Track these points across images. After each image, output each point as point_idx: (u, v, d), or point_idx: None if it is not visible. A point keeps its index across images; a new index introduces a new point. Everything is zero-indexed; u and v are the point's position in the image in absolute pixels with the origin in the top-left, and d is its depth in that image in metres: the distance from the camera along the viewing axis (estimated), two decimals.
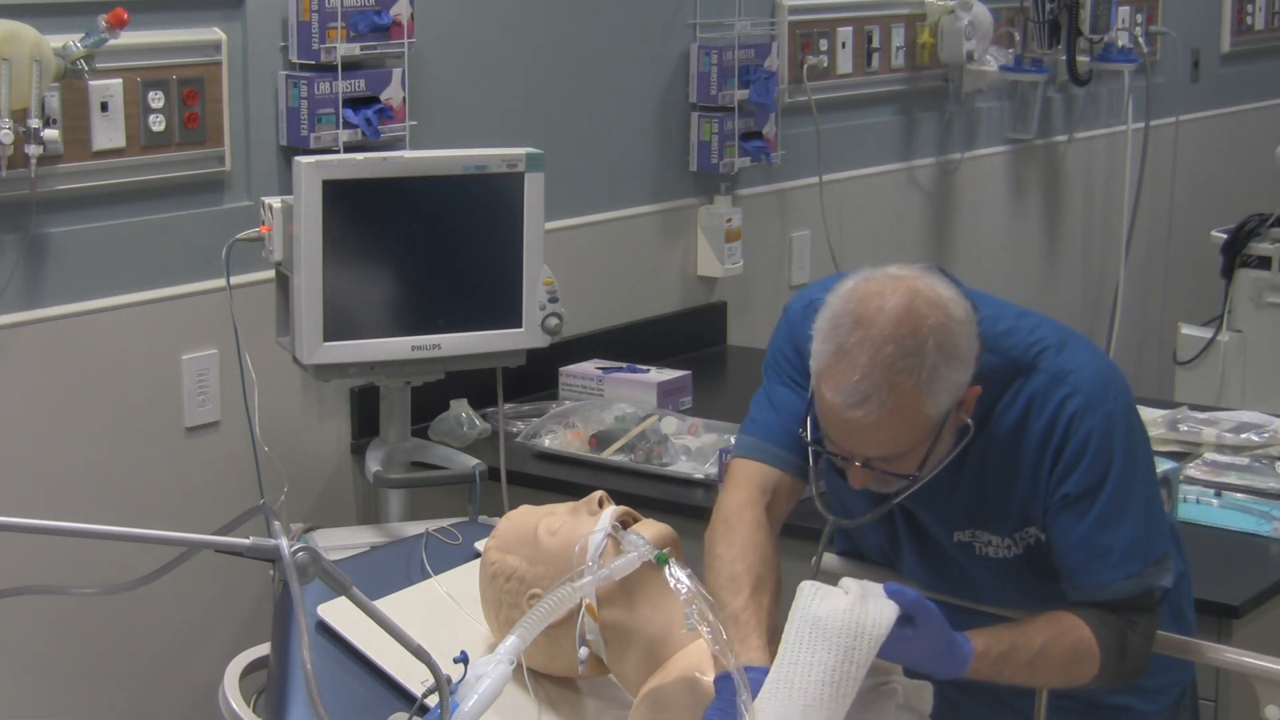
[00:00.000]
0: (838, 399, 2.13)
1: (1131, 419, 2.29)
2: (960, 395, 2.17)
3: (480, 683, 1.91)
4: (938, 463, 2.25)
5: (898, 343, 2.10)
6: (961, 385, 2.16)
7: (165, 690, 3.31)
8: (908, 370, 2.10)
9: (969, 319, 2.17)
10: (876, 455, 2.18)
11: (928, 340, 2.11)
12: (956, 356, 2.14)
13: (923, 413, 2.13)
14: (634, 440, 3.40)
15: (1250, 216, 4.84)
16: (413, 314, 3.18)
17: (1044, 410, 2.25)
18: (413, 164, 3.18)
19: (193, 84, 3.23)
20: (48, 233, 3.08)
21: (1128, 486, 2.25)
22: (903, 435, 2.15)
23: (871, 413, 2.12)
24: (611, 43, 4.04)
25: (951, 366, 2.13)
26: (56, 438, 3.11)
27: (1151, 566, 2.27)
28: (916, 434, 2.16)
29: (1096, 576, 2.25)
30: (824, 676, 2.00)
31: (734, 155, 4.22)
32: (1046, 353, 2.28)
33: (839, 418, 2.15)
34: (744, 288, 4.41)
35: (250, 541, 1.63)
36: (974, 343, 2.17)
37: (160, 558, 1.70)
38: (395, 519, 3.28)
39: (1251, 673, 2.34)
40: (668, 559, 2.12)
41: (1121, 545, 2.24)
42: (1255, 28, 6.39)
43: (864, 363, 2.11)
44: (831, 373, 2.14)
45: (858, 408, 2.12)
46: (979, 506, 2.33)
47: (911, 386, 2.11)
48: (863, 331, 2.12)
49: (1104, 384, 2.26)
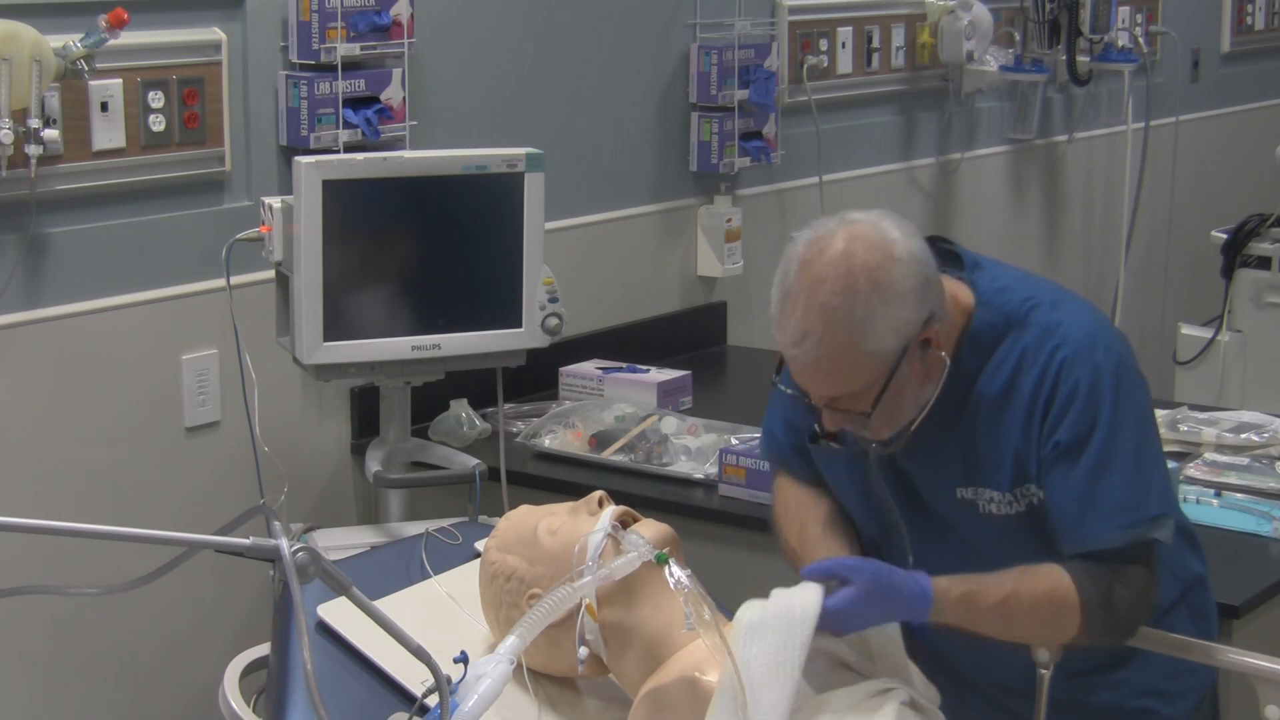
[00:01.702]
0: (784, 339, 2.22)
1: (1122, 374, 2.28)
2: (909, 333, 2.19)
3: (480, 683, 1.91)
4: (922, 405, 2.26)
5: (832, 281, 2.17)
6: (906, 323, 2.18)
7: (165, 690, 3.31)
8: (842, 308, 2.16)
9: (913, 258, 2.19)
10: (830, 394, 2.23)
11: (860, 278, 2.16)
12: (894, 293, 2.17)
13: (862, 350, 2.17)
14: (634, 440, 3.40)
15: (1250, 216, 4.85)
16: (413, 314, 3.18)
17: (1035, 362, 2.28)
18: (413, 164, 3.18)
19: (193, 84, 3.23)
20: (48, 233, 3.08)
21: (1117, 438, 2.25)
22: (848, 373, 2.20)
23: (810, 350, 2.19)
24: (611, 43, 4.04)
25: (889, 304, 2.16)
26: (56, 438, 3.11)
27: (1146, 521, 2.25)
28: (864, 372, 2.20)
29: (1088, 529, 2.24)
30: (764, 666, 2.03)
31: (734, 155, 4.22)
32: (1039, 309, 2.31)
33: (788, 358, 2.24)
34: (744, 288, 4.41)
35: (250, 541, 1.63)
36: (920, 281, 2.19)
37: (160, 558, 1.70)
38: (395, 519, 3.28)
39: (1251, 673, 2.34)
40: (668, 559, 2.12)
41: (1113, 497, 2.24)
42: (1255, 28, 6.39)
43: (803, 302, 2.19)
44: (779, 315, 2.24)
45: (798, 345, 2.20)
46: (977, 462, 2.33)
47: (846, 323, 2.16)
48: (805, 274, 2.20)
49: (1093, 337, 2.29)
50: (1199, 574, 2.49)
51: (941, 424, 2.30)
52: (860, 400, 2.22)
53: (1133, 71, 5.49)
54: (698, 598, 2.07)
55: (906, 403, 2.26)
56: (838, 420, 2.27)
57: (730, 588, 2.40)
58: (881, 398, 2.22)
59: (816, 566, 2.18)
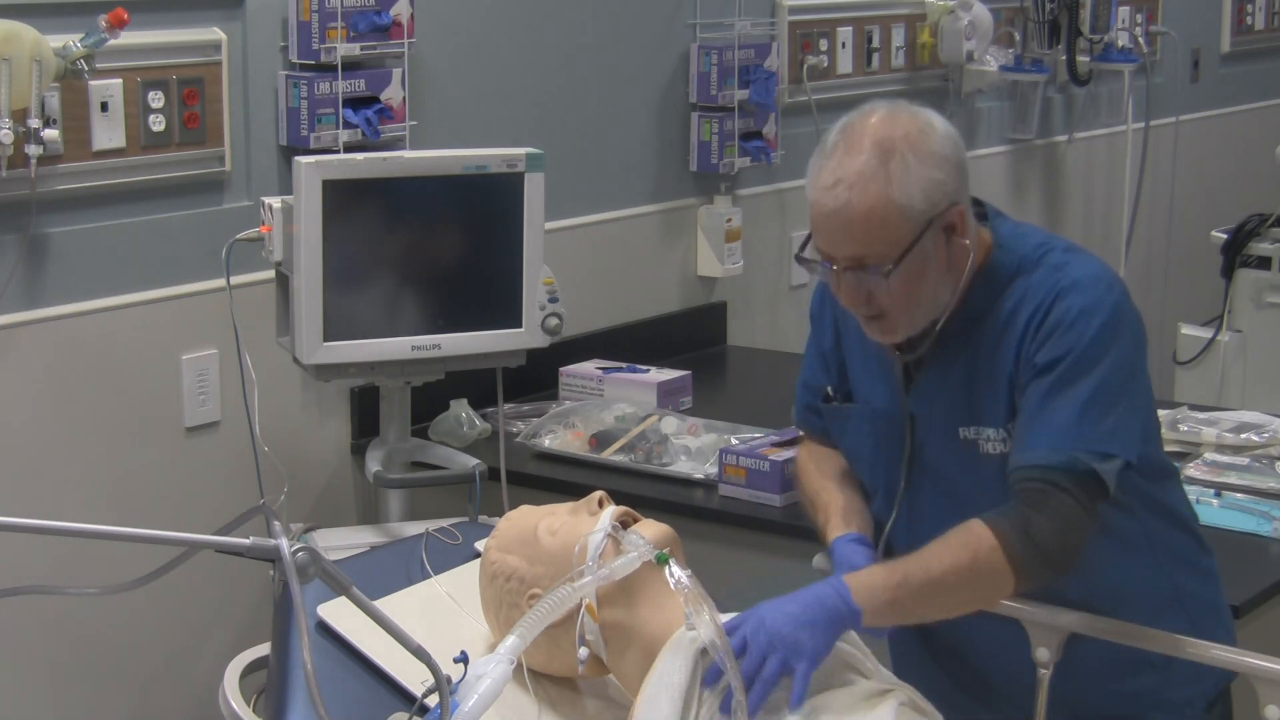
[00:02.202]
0: (816, 191, 2.27)
1: (1116, 315, 2.29)
2: (939, 199, 2.25)
3: (480, 683, 1.91)
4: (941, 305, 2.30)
5: (872, 139, 2.24)
6: (939, 185, 2.24)
7: (165, 690, 3.31)
8: (879, 159, 2.23)
9: (951, 135, 2.29)
10: (854, 249, 2.25)
11: (899, 136, 2.24)
12: (930, 154, 2.24)
13: (893, 201, 2.22)
14: (634, 440, 3.40)
15: (1250, 216, 4.84)
16: (413, 314, 3.18)
17: (1035, 296, 2.31)
18: (413, 164, 3.18)
19: (193, 84, 3.23)
20: (48, 233, 3.08)
21: (1088, 367, 2.25)
22: (876, 225, 2.23)
23: (841, 195, 2.23)
24: (611, 43, 4.05)
25: (924, 162, 2.24)
26: (56, 438, 3.11)
27: (1088, 451, 2.23)
28: (891, 227, 2.23)
29: (1027, 444, 2.25)
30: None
31: (734, 155, 4.22)
32: (1052, 253, 2.36)
33: (818, 211, 2.27)
34: (744, 288, 4.41)
35: (250, 541, 1.63)
36: (955, 153, 2.28)
37: (160, 558, 1.70)
38: (395, 519, 3.28)
39: (1251, 673, 2.34)
40: (668, 559, 2.12)
41: (1061, 417, 2.24)
42: (1255, 28, 6.39)
43: (839, 156, 2.26)
44: (814, 172, 2.28)
45: (831, 191, 2.24)
46: (978, 399, 2.34)
47: (880, 173, 2.22)
48: (844, 135, 2.28)
49: (1096, 277, 2.31)
50: (1210, 568, 2.49)
51: (950, 361, 2.34)
52: (883, 260, 2.25)
53: (1133, 71, 5.49)
54: (698, 598, 2.07)
55: (927, 286, 2.28)
56: (856, 291, 2.29)
57: (730, 588, 2.40)
58: (904, 259, 2.24)
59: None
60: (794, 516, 3.12)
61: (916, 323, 2.33)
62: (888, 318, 2.30)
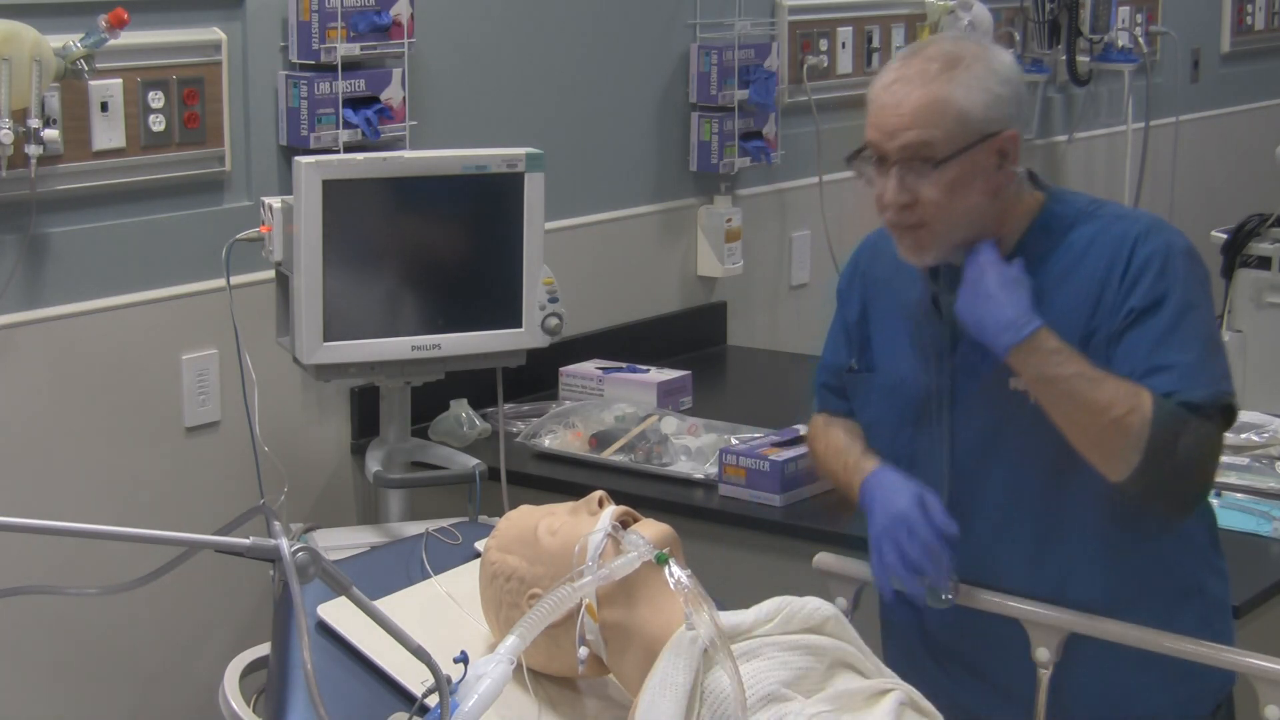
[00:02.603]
0: (876, 90, 2.35)
1: (1192, 256, 2.37)
2: (997, 113, 2.30)
3: (480, 683, 1.91)
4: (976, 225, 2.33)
5: (939, 50, 2.34)
6: (998, 98, 2.31)
7: (165, 690, 3.31)
8: (943, 65, 2.31)
9: (1014, 65, 2.38)
10: (906, 137, 2.30)
11: (967, 53, 2.33)
12: (994, 71, 2.32)
13: (954, 101, 2.29)
14: (634, 440, 3.40)
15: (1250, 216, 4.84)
16: (413, 314, 3.18)
17: (1105, 242, 2.35)
18: (413, 164, 3.18)
19: (193, 84, 3.23)
20: (48, 233, 3.08)
21: (1189, 313, 2.30)
22: (933, 114, 2.29)
23: (902, 89, 2.31)
24: (611, 43, 4.05)
25: (989, 74, 2.31)
26: (56, 438, 3.11)
27: (1222, 390, 2.29)
28: (947, 122, 2.29)
29: (1158, 386, 2.27)
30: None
31: (734, 155, 4.22)
32: (1108, 207, 2.42)
33: (879, 100, 2.34)
34: (744, 288, 4.41)
35: (250, 541, 1.63)
36: (1017, 77, 2.36)
37: (160, 558, 1.70)
38: (395, 519, 3.28)
39: (1251, 673, 2.34)
40: (668, 559, 2.12)
41: (1184, 364, 2.28)
42: (1255, 28, 6.39)
43: (905, 61, 2.35)
44: (877, 79, 2.36)
45: (891, 86, 2.32)
46: None
47: (944, 75, 2.30)
48: (911, 51, 2.37)
49: (1162, 224, 2.39)
50: (1221, 568, 2.49)
51: None
52: (936, 151, 2.29)
53: (1133, 71, 5.49)
54: (698, 598, 2.07)
55: (970, 201, 2.32)
56: (902, 185, 2.31)
57: (730, 588, 2.40)
58: (956, 158, 2.28)
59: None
60: (794, 516, 3.13)
61: (953, 238, 2.35)
62: (926, 229, 2.34)
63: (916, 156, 2.30)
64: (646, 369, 3.77)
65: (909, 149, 2.30)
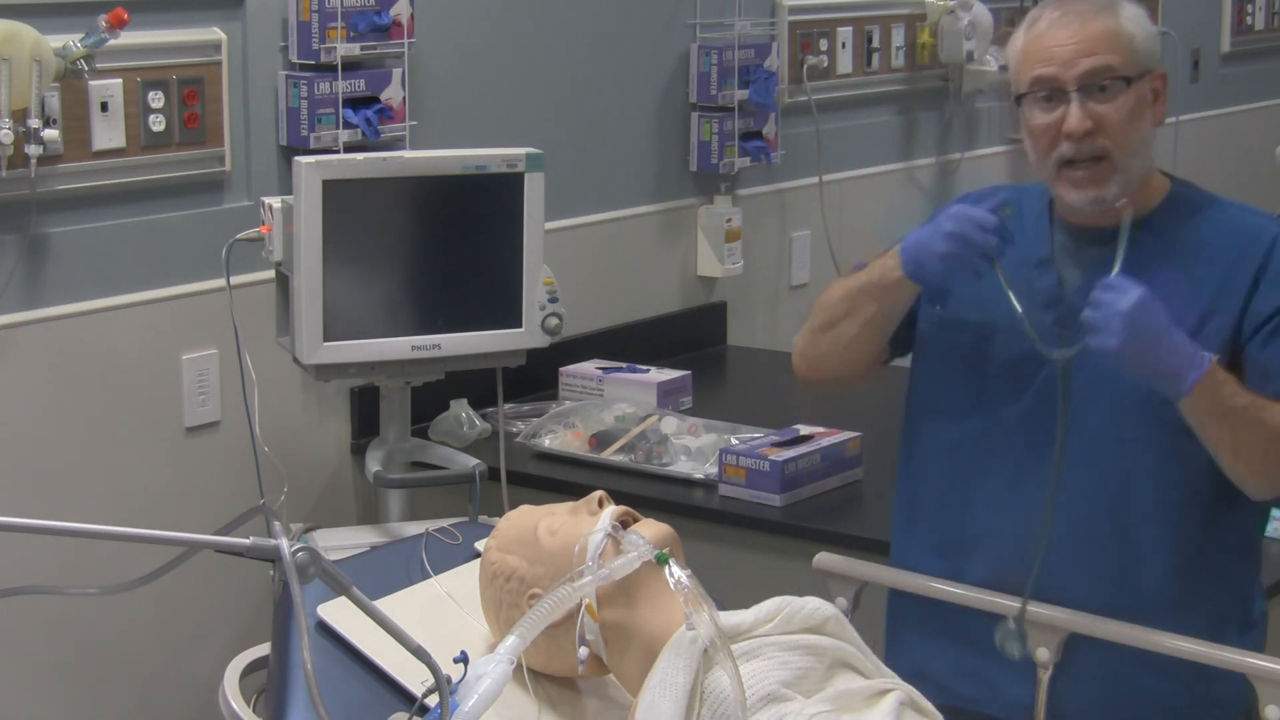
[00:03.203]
0: (1036, 30, 2.38)
1: None
2: (1154, 51, 2.38)
3: (480, 683, 1.91)
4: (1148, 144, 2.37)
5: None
6: (1154, 39, 2.39)
7: (165, 690, 3.31)
8: (1101, 4, 2.38)
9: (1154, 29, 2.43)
10: (1092, 63, 2.33)
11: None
12: (1142, 15, 2.40)
13: (1125, 29, 2.36)
14: (634, 440, 3.40)
15: None
16: (413, 314, 3.18)
17: (1235, 231, 2.38)
18: (413, 164, 3.18)
19: (193, 84, 3.23)
20: (48, 233, 3.08)
21: None
22: (1112, 39, 2.35)
23: (1073, 21, 2.35)
24: (611, 43, 4.05)
25: (1140, 17, 2.39)
26: (56, 438, 3.11)
27: None
28: (1120, 46, 2.35)
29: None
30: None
31: (734, 155, 4.22)
32: (1231, 200, 2.45)
33: (1043, 44, 2.37)
34: (744, 288, 4.41)
35: (250, 541, 1.63)
36: (1156, 35, 2.43)
37: (160, 558, 1.70)
38: (395, 519, 3.28)
39: (1252, 673, 2.34)
40: (668, 559, 2.12)
41: None
42: (1255, 28, 6.39)
43: (1061, 3, 2.39)
44: (1031, 24, 2.40)
45: (1059, 21, 2.36)
46: None
47: (1109, 9, 2.37)
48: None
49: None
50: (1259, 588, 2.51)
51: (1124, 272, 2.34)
52: (1119, 73, 2.33)
53: None
54: (698, 598, 2.07)
55: (1143, 132, 2.36)
56: (1086, 112, 2.33)
57: (730, 588, 2.40)
58: (1138, 81, 2.34)
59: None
60: (794, 516, 3.13)
61: (1129, 174, 2.36)
62: (1106, 161, 2.34)
63: (1100, 80, 2.33)
64: (646, 369, 3.77)
65: (1093, 74, 2.34)
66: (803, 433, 3.26)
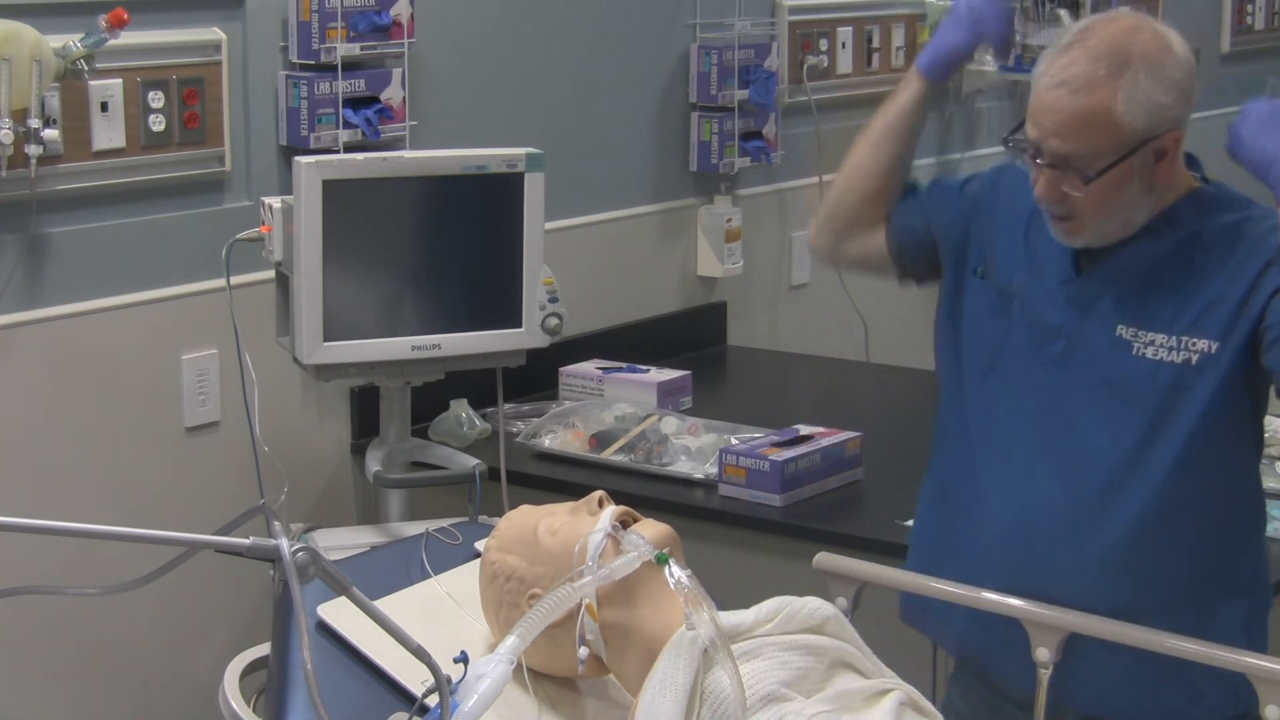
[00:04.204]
0: (1042, 80, 2.31)
1: None
2: (1159, 122, 2.30)
3: (480, 683, 1.91)
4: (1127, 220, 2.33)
5: (1109, 46, 2.29)
6: (1161, 108, 2.30)
7: (165, 690, 3.31)
8: (1109, 70, 2.27)
9: (1188, 61, 2.36)
10: (1064, 148, 2.29)
11: (1136, 50, 2.29)
12: (1162, 77, 2.30)
13: (1114, 115, 2.27)
14: (634, 440, 3.40)
15: None
16: (413, 314, 3.18)
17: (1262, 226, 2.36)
18: (413, 164, 3.18)
19: (193, 84, 3.23)
20: (48, 233, 3.08)
21: None
22: (1091, 130, 2.27)
23: (1064, 97, 2.28)
24: (611, 43, 4.05)
25: (1155, 83, 2.29)
26: (56, 438, 3.11)
27: None
28: (1105, 136, 2.28)
29: None
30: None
31: (734, 155, 4.22)
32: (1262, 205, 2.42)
33: (1039, 99, 2.32)
34: (744, 288, 4.41)
35: (250, 541, 1.63)
36: (1187, 80, 2.34)
37: (160, 558, 1.70)
38: (395, 519, 3.28)
39: (1251, 673, 2.34)
40: (668, 559, 2.12)
41: None
42: (1255, 28, 6.39)
43: (1074, 55, 2.29)
44: (1046, 62, 2.32)
45: (1056, 88, 2.29)
46: (1153, 304, 2.36)
47: (1110, 82, 2.27)
48: (1087, 33, 2.32)
49: None
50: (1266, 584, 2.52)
51: (1136, 258, 2.36)
52: (1087, 165, 2.29)
53: None
54: (698, 598, 2.07)
55: (1123, 200, 2.32)
56: (1053, 186, 2.32)
57: (730, 588, 2.40)
58: (1109, 171, 2.28)
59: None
60: (794, 516, 3.13)
61: (1104, 234, 2.36)
62: (1075, 221, 2.34)
63: (1068, 167, 2.30)
64: (646, 369, 3.77)
65: (1062, 158, 2.30)
66: (803, 433, 3.26)
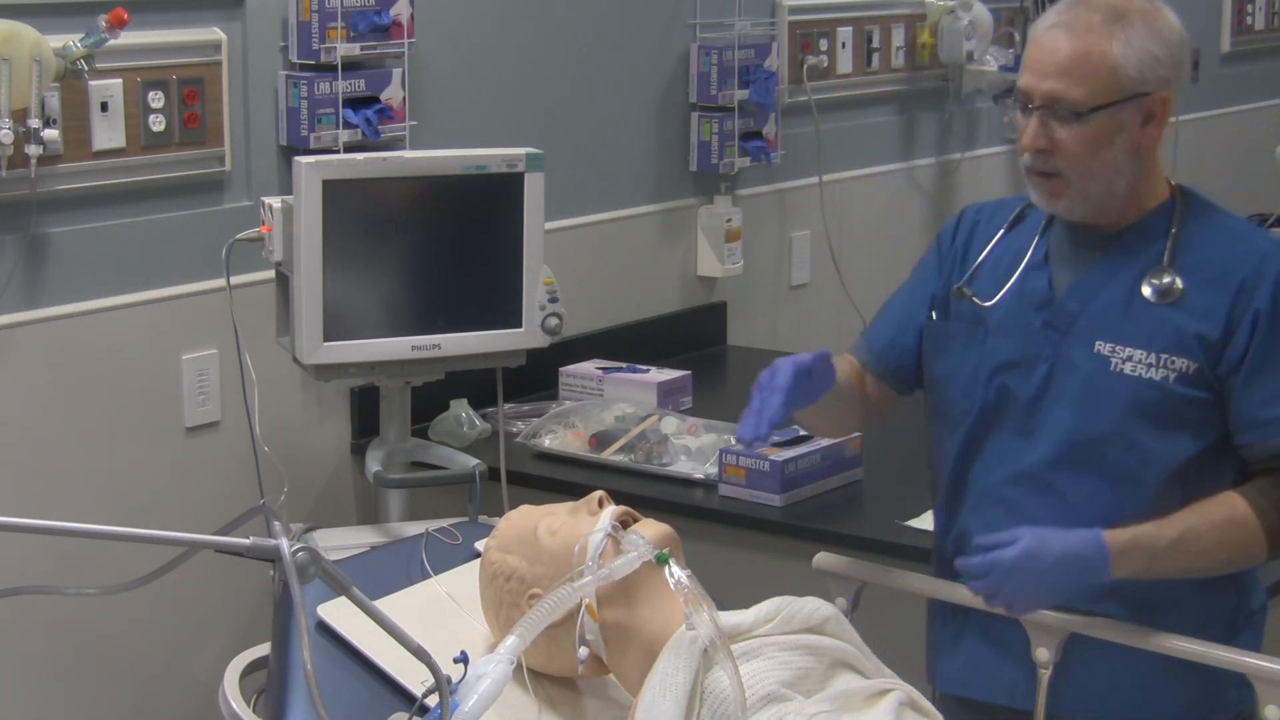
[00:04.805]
0: (1040, 25, 2.35)
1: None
2: (1151, 76, 2.34)
3: (480, 683, 1.91)
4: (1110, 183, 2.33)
5: (1108, 1, 2.34)
6: (1155, 61, 2.34)
7: (165, 690, 3.31)
8: (1106, 16, 2.32)
9: (1181, 31, 2.41)
10: (1056, 89, 2.30)
11: (1135, 6, 2.35)
12: (1156, 30, 2.35)
13: (1108, 56, 2.30)
14: (634, 440, 3.40)
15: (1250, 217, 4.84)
16: (413, 314, 3.18)
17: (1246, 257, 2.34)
18: (413, 164, 3.18)
19: (193, 84, 3.23)
20: (48, 233, 3.08)
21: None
22: (1085, 72, 2.29)
23: (1061, 37, 2.32)
24: (611, 43, 4.05)
25: (1148, 36, 2.34)
26: (56, 438, 3.11)
27: None
28: (1097, 80, 2.30)
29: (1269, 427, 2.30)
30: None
31: (734, 155, 4.22)
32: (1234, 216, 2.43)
33: (1036, 42, 2.35)
34: (744, 288, 4.41)
35: (250, 541, 1.63)
36: (1179, 46, 2.40)
37: (160, 558, 1.70)
38: (395, 519, 3.28)
39: (1251, 673, 2.34)
40: (668, 559, 2.12)
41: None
42: (1255, 28, 6.39)
43: (1071, 6, 2.35)
44: (1041, 18, 2.37)
45: (1050, 30, 2.33)
46: (1135, 317, 2.36)
47: (1105, 29, 2.31)
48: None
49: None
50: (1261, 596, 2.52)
51: (1112, 272, 2.37)
52: (1077, 105, 2.30)
53: None
54: (698, 598, 2.07)
55: (1108, 158, 2.33)
56: (1040, 136, 2.32)
57: (730, 588, 2.40)
58: (1097, 113, 2.29)
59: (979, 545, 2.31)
60: (794, 516, 3.13)
61: (1086, 195, 2.35)
62: (1060, 178, 2.34)
63: (1059, 106, 2.32)
64: (646, 369, 3.77)
65: (1051, 97, 2.32)
66: (803, 433, 3.26)
